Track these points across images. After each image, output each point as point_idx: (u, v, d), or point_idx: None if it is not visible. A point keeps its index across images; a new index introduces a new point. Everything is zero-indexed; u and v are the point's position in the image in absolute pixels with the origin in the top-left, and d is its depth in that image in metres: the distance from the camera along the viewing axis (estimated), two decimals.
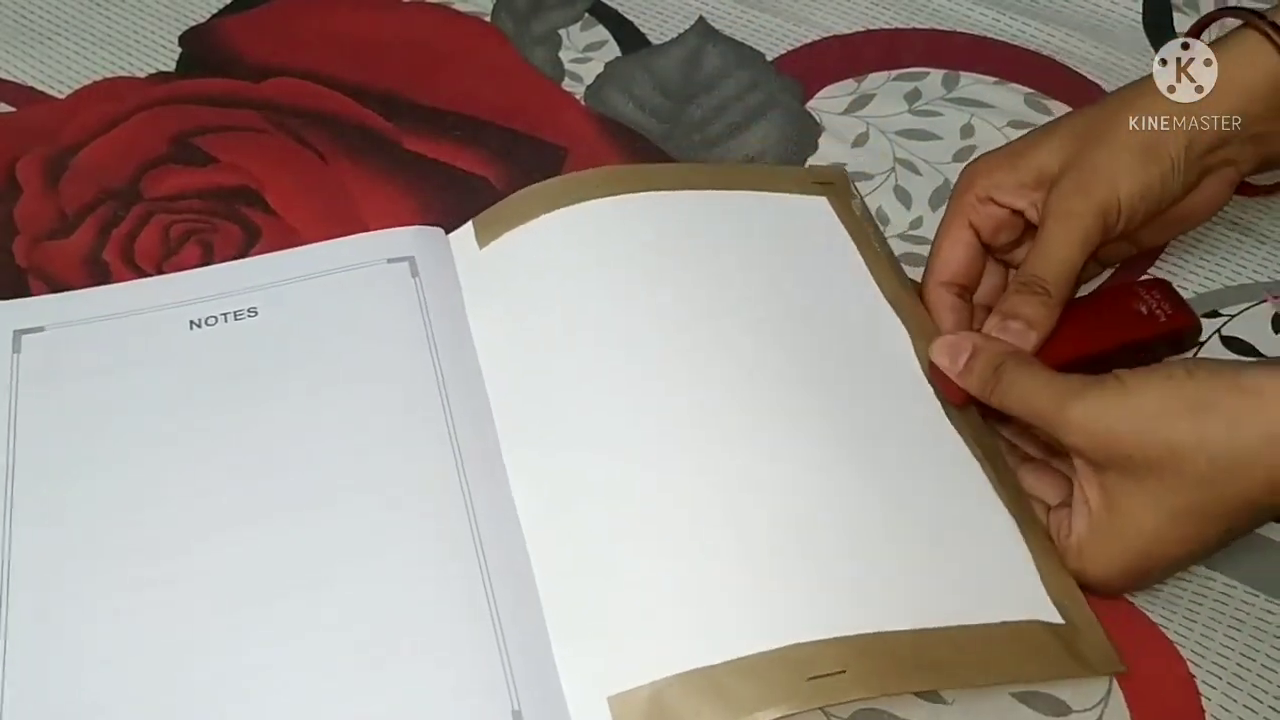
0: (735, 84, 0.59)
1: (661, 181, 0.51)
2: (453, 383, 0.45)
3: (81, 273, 0.52)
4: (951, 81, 0.59)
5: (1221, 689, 0.40)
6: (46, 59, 0.61)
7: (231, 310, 0.48)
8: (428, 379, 0.45)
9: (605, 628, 0.39)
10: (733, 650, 0.37)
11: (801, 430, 0.43)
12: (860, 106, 0.58)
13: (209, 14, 0.63)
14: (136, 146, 0.57)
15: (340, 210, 0.54)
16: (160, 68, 0.60)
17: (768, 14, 0.63)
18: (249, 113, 0.58)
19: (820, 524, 0.41)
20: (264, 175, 0.55)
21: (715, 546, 0.40)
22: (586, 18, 0.63)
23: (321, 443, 0.44)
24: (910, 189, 0.55)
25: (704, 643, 0.38)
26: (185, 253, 0.52)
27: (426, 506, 0.42)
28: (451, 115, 0.58)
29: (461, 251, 0.50)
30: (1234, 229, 0.53)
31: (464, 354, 0.46)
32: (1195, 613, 0.42)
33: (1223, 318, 0.49)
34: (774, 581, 0.39)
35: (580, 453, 0.43)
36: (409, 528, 0.42)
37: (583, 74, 0.60)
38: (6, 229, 0.54)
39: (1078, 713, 0.39)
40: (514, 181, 0.54)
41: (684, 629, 0.38)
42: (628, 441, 0.43)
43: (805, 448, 0.42)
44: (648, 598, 0.39)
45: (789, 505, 0.41)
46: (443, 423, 0.44)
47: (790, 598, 0.39)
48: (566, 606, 0.40)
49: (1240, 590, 0.42)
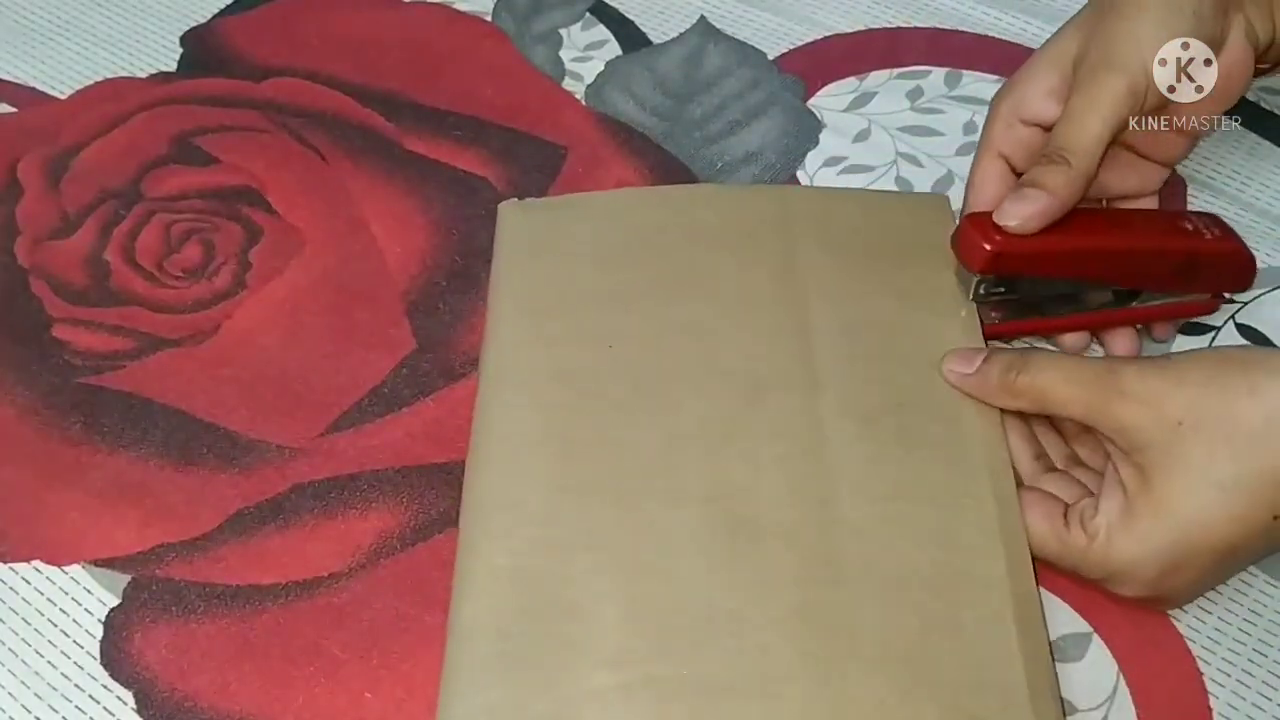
0: (736, 82, 0.59)
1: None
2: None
3: (82, 273, 0.52)
4: (954, 80, 0.59)
5: (1231, 686, 0.40)
6: (48, 59, 0.61)
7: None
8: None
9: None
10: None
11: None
12: (862, 104, 0.58)
13: (210, 14, 0.63)
14: (138, 146, 0.57)
15: (341, 210, 0.54)
16: (161, 68, 0.60)
17: (769, 13, 0.62)
18: (250, 113, 0.58)
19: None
20: (265, 175, 0.55)
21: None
22: (587, 17, 0.63)
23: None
24: (912, 180, 0.54)
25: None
26: (186, 252, 0.52)
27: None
28: (451, 115, 0.58)
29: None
30: (1248, 211, 0.52)
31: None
32: (1211, 604, 0.41)
33: (1237, 304, 0.49)
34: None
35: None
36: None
37: (583, 73, 0.60)
38: (8, 229, 0.53)
39: (1083, 711, 0.39)
40: (514, 181, 0.54)
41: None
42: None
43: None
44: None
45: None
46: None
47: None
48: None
49: (1260, 580, 0.42)
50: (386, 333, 0.50)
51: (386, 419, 0.47)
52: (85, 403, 0.47)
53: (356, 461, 0.46)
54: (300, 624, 0.42)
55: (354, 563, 0.43)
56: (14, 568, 0.43)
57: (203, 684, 0.40)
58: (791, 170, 0.55)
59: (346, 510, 0.44)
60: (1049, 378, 0.40)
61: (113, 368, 0.49)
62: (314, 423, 0.47)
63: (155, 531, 0.44)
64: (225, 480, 0.45)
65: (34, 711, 0.40)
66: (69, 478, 0.45)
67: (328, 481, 0.45)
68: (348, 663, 0.41)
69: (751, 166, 0.55)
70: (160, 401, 0.48)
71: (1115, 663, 0.40)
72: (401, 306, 0.50)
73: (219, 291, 0.51)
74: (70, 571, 0.43)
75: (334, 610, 0.42)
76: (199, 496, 0.45)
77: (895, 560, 0.40)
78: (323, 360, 0.49)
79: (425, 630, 0.41)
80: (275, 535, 0.44)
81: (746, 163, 0.56)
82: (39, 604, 0.42)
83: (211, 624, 0.42)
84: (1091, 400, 0.39)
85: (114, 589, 0.43)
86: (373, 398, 0.48)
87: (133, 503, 0.45)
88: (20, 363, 0.49)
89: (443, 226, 0.53)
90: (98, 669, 0.41)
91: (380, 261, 0.52)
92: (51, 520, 0.44)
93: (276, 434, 0.47)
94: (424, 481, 0.45)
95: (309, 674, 0.40)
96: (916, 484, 0.41)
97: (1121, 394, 0.38)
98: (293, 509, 0.44)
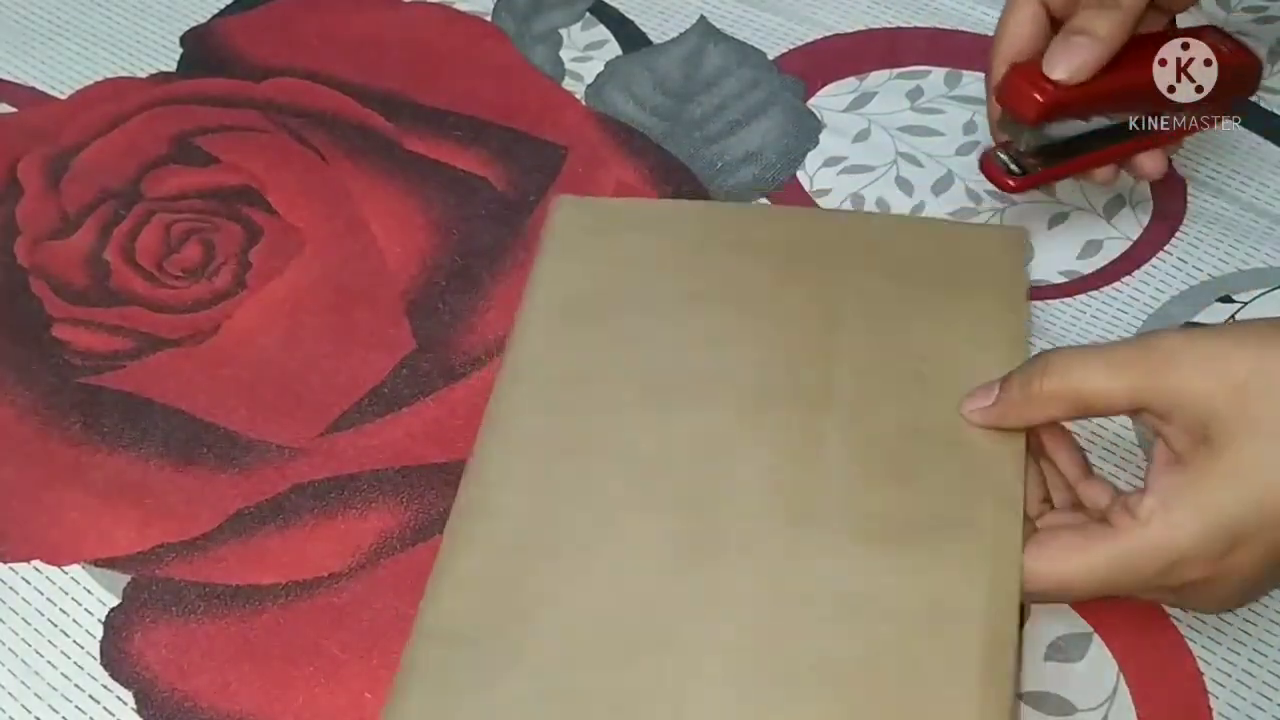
0: (736, 82, 0.59)
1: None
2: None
3: (82, 273, 0.52)
4: (954, 79, 0.59)
5: (1231, 686, 0.40)
6: (48, 59, 0.61)
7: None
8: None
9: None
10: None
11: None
12: (862, 104, 0.58)
13: (210, 14, 0.63)
14: (138, 147, 0.56)
15: (341, 210, 0.54)
16: (161, 68, 0.60)
17: (769, 13, 0.62)
18: (250, 113, 0.58)
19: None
20: (265, 175, 0.55)
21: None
22: (587, 17, 0.63)
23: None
24: (912, 179, 0.54)
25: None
26: (186, 252, 0.52)
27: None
28: (451, 115, 0.58)
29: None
30: (1248, 211, 0.52)
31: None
32: None
33: (1236, 304, 0.49)
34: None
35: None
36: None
37: (583, 73, 0.60)
38: (8, 229, 0.53)
39: (1083, 711, 0.39)
40: (514, 181, 0.54)
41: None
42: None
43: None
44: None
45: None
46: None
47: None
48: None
49: None
50: (386, 333, 0.50)
51: (386, 419, 0.47)
52: (85, 403, 0.47)
53: (356, 461, 0.46)
54: (300, 624, 0.42)
55: (354, 563, 0.43)
56: (14, 568, 0.43)
57: (203, 684, 0.40)
58: (791, 170, 0.55)
59: (346, 510, 0.44)
60: (1080, 372, 0.37)
61: (113, 368, 0.49)
62: (314, 423, 0.47)
63: (155, 531, 0.44)
64: (225, 480, 0.45)
65: (34, 711, 0.40)
66: (69, 478, 0.45)
67: (328, 481, 0.45)
68: (348, 663, 0.41)
69: (751, 166, 0.55)
70: (160, 401, 0.48)
71: (1115, 663, 0.40)
72: (401, 306, 0.50)
73: (219, 291, 0.51)
74: (70, 571, 0.43)
75: (334, 610, 0.42)
76: (199, 496, 0.45)
77: (862, 583, 0.38)
78: (323, 360, 0.49)
79: None
80: (275, 535, 0.44)
81: (746, 162, 0.56)
82: (39, 604, 0.42)
83: (211, 624, 0.42)
84: (1136, 379, 0.35)
85: (114, 589, 0.43)
86: (373, 398, 0.48)
87: (133, 503, 0.45)
88: (20, 363, 0.49)
89: (443, 226, 0.53)
90: (98, 669, 0.41)
91: (380, 261, 0.52)
92: (51, 520, 0.44)
93: (276, 434, 0.47)
94: (424, 481, 0.45)
95: (309, 674, 0.40)
96: (909, 510, 0.39)
97: (1173, 362, 0.35)
98: (293, 509, 0.44)
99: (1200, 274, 0.50)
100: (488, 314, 0.50)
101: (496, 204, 0.54)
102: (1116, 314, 0.49)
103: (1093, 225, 0.52)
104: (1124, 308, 0.50)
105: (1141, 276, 0.51)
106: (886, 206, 0.53)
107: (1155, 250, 0.51)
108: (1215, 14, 0.60)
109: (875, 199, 0.54)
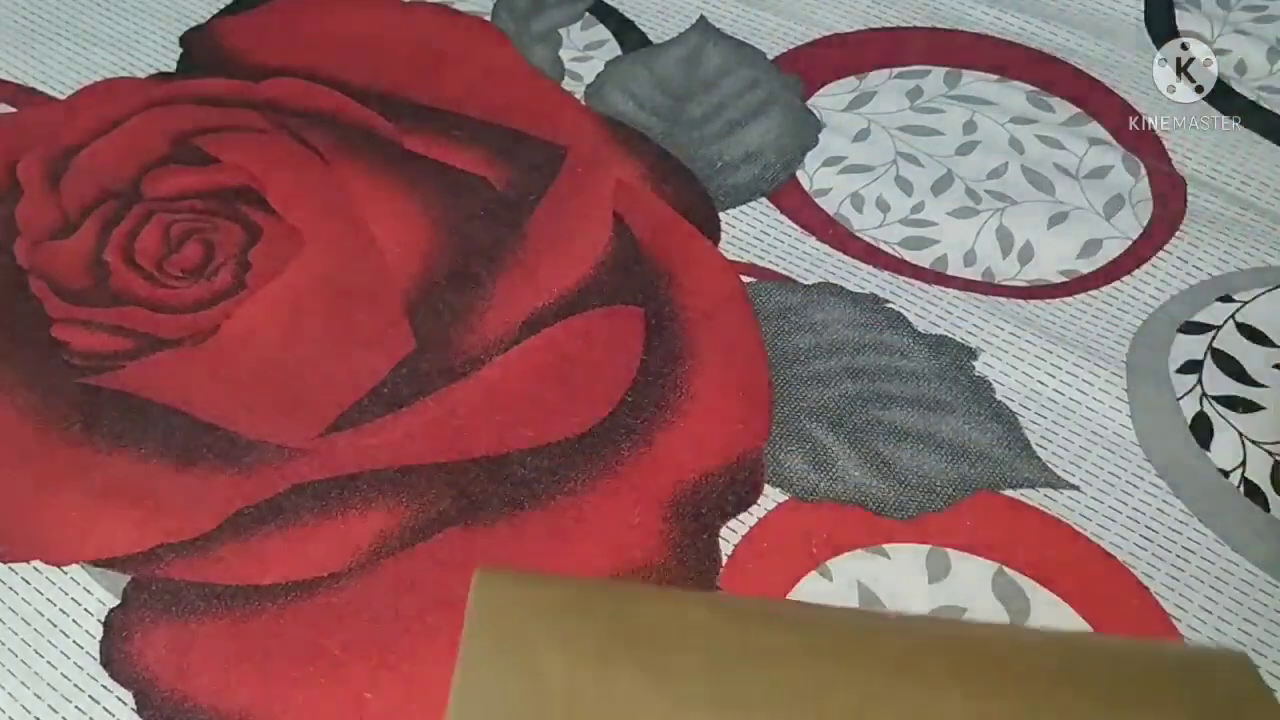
0: (736, 81, 0.59)
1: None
2: None
3: (82, 273, 0.52)
4: (953, 79, 0.59)
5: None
6: (47, 59, 0.61)
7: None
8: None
9: None
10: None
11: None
12: (862, 104, 0.58)
13: (209, 14, 0.63)
14: (137, 147, 0.57)
15: (341, 210, 0.54)
16: (161, 68, 0.60)
17: (769, 13, 0.62)
18: (249, 113, 0.58)
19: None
20: (265, 175, 0.55)
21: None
22: (586, 17, 0.63)
23: None
24: (912, 179, 0.54)
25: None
26: (186, 252, 0.52)
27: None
28: (451, 115, 0.58)
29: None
30: (1248, 210, 0.52)
31: None
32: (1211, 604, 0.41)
33: (1236, 303, 0.49)
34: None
35: None
36: None
37: (583, 73, 0.60)
38: (8, 229, 0.53)
39: None
40: (514, 181, 0.54)
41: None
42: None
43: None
44: None
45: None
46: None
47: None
48: None
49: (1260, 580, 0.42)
50: (386, 333, 0.50)
51: (386, 419, 0.47)
52: (85, 403, 0.48)
53: (356, 461, 0.46)
54: (300, 624, 0.42)
55: (354, 563, 0.43)
56: (14, 568, 0.43)
57: (202, 684, 0.40)
58: (791, 170, 0.55)
59: (346, 510, 0.44)
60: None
61: (112, 368, 0.49)
62: (314, 423, 0.47)
63: (155, 531, 0.44)
64: (225, 480, 0.45)
65: (34, 712, 0.40)
66: (69, 478, 0.45)
67: (327, 481, 0.45)
68: (348, 663, 0.41)
69: (751, 166, 0.55)
70: (160, 402, 0.48)
71: None
72: (401, 306, 0.50)
73: (219, 291, 0.51)
74: (70, 572, 0.43)
75: (334, 610, 0.42)
76: (199, 496, 0.45)
77: None
78: (323, 360, 0.49)
79: (425, 630, 0.41)
80: (275, 535, 0.44)
81: (746, 162, 0.56)
82: (39, 604, 0.42)
83: (211, 624, 0.42)
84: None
85: (114, 589, 0.43)
86: (373, 398, 0.48)
87: (133, 503, 0.45)
88: (20, 363, 0.49)
89: (443, 226, 0.53)
90: (97, 669, 0.41)
91: (380, 261, 0.52)
92: (51, 520, 0.44)
93: (276, 434, 0.47)
94: (424, 481, 0.45)
95: (309, 674, 0.40)
96: None
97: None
98: (292, 509, 0.44)
99: (1200, 273, 0.50)
100: (487, 314, 0.50)
101: (496, 203, 0.54)
102: (1116, 314, 0.49)
103: (1093, 225, 0.53)
104: (1124, 307, 0.50)
105: (1141, 276, 0.51)
106: (886, 205, 0.53)
107: (1155, 250, 0.51)
108: (1215, 14, 0.60)
109: (875, 198, 0.54)
